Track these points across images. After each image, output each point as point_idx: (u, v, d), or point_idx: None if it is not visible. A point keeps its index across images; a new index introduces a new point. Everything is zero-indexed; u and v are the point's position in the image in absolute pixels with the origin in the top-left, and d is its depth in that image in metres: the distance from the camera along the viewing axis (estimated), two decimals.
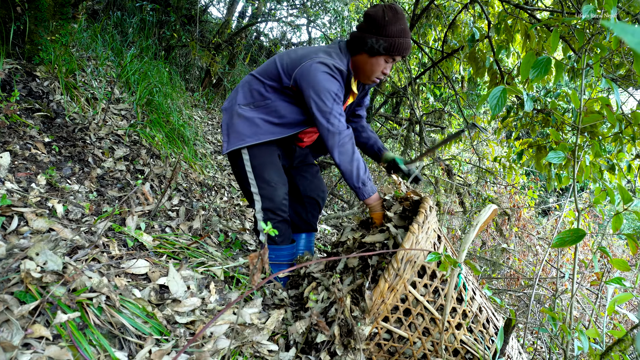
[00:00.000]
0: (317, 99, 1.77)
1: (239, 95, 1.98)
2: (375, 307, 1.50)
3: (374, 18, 1.78)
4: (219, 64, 6.13)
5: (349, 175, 1.81)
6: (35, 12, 2.97)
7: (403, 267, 1.49)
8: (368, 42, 1.79)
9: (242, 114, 1.93)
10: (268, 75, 1.92)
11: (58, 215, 1.81)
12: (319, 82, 1.76)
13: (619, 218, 0.99)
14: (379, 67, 1.86)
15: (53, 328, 1.18)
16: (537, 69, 1.26)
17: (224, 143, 1.97)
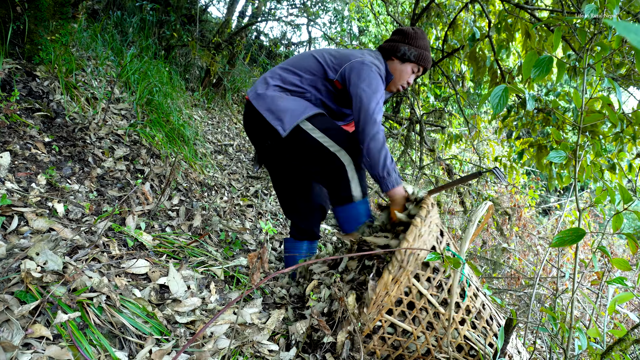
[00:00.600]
0: (368, 90, 1.82)
1: (271, 83, 1.96)
2: (379, 299, 1.50)
3: (407, 32, 2.05)
4: (219, 64, 6.13)
5: (375, 162, 1.78)
6: (35, 12, 2.97)
7: (407, 259, 1.49)
8: (401, 49, 2.01)
9: (283, 96, 1.92)
10: (306, 68, 1.96)
11: (58, 215, 1.81)
12: (372, 78, 1.86)
13: (619, 217, 0.99)
14: (406, 75, 2.06)
15: (53, 328, 1.18)
16: (538, 68, 1.25)
17: (278, 126, 1.88)
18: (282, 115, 1.88)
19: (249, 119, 2.03)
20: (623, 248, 5.59)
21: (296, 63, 2.00)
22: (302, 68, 1.97)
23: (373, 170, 1.82)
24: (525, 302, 2.90)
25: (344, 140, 1.90)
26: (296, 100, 1.92)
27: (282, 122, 1.88)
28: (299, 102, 1.91)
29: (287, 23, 8.62)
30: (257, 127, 2.00)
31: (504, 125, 3.81)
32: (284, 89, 1.95)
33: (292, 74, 1.97)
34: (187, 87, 6.04)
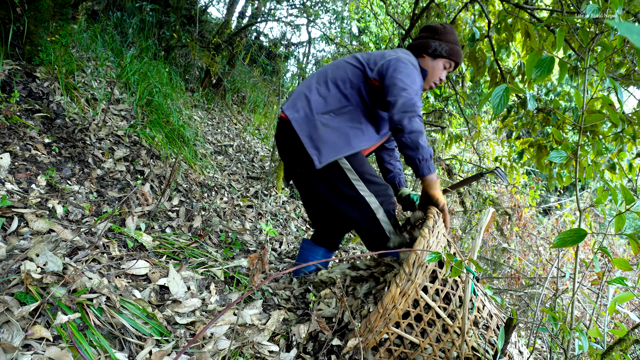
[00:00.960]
0: (405, 79, 1.78)
1: (312, 103, 1.88)
2: (386, 312, 1.49)
3: (436, 28, 2.02)
4: (218, 64, 6.13)
5: (416, 145, 1.72)
6: (35, 13, 2.97)
7: (415, 271, 1.48)
8: (432, 45, 1.99)
9: (327, 123, 1.84)
10: (345, 77, 1.91)
11: (58, 216, 1.81)
12: (409, 71, 1.82)
13: (621, 218, 0.99)
14: (439, 71, 2.02)
15: (53, 329, 1.18)
16: (540, 68, 1.25)
17: (314, 156, 1.81)
18: (322, 145, 1.81)
19: (285, 139, 1.96)
20: (623, 248, 5.59)
21: (333, 73, 1.94)
22: (341, 78, 1.91)
23: (413, 153, 1.74)
24: (526, 302, 2.90)
25: (377, 188, 1.88)
26: (341, 134, 1.84)
27: (320, 153, 1.81)
28: (341, 137, 1.84)
29: (286, 23, 8.62)
30: (292, 150, 1.94)
31: (504, 125, 3.81)
32: (329, 108, 1.87)
33: (333, 86, 1.90)
34: (187, 88, 6.05)
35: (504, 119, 3.75)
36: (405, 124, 1.71)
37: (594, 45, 1.37)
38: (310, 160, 1.85)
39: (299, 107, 1.89)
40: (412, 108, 1.73)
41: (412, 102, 1.73)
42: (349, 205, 1.90)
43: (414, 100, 1.74)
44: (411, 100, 1.73)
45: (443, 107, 4.83)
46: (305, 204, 2.25)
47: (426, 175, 1.77)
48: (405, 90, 1.75)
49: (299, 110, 1.88)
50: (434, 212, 1.68)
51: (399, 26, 4.62)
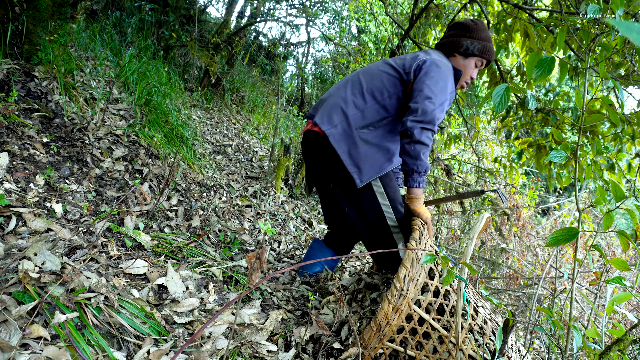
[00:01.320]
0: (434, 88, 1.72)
1: (350, 117, 1.80)
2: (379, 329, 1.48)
3: (467, 25, 1.93)
4: (217, 64, 6.13)
5: (417, 155, 1.69)
6: (34, 12, 2.97)
7: (406, 286, 1.46)
8: (463, 44, 1.91)
9: (367, 138, 1.78)
10: (382, 88, 1.84)
11: (56, 215, 1.81)
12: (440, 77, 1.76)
13: (610, 216, 0.99)
14: (470, 70, 1.95)
15: (51, 328, 1.17)
16: (540, 68, 1.25)
17: (355, 174, 1.76)
18: (363, 164, 1.77)
19: (319, 154, 1.89)
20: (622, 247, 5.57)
21: (369, 85, 1.86)
22: (378, 89, 1.84)
23: (411, 161, 1.72)
24: (524, 302, 2.90)
25: (404, 219, 1.84)
26: (380, 149, 1.80)
27: (361, 172, 1.77)
28: (381, 148, 1.80)
29: (286, 23, 8.62)
30: (325, 166, 1.89)
31: (502, 125, 3.81)
32: (368, 122, 1.80)
33: (370, 97, 1.83)
34: (186, 88, 6.04)
35: (503, 119, 3.75)
36: (415, 133, 1.68)
37: (594, 45, 1.38)
38: (347, 179, 1.80)
39: (336, 121, 1.81)
40: (430, 121, 1.68)
41: (432, 115, 1.69)
42: (371, 230, 1.87)
43: (434, 113, 1.69)
44: (432, 112, 1.69)
45: None
46: (324, 209, 2.22)
47: (413, 188, 1.76)
48: (430, 99, 1.70)
49: (336, 125, 1.80)
50: (418, 224, 1.68)
51: (398, 26, 4.62)
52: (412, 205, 1.79)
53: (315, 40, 9.91)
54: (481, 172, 4.60)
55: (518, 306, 3.06)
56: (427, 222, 1.76)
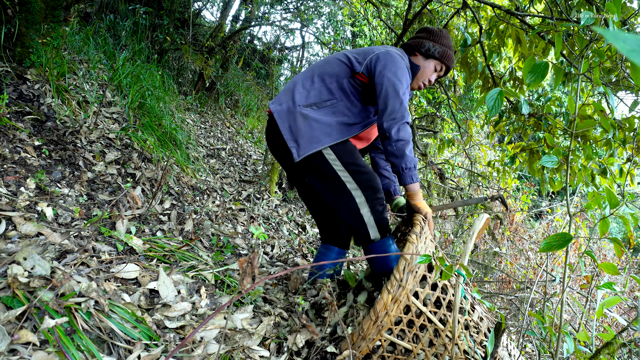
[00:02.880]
0: (393, 78, 1.77)
1: (296, 96, 1.87)
2: (378, 319, 1.50)
3: (431, 30, 2.04)
4: (212, 68, 6.13)
5: (402, 153, 1.74)
6: (27, 15, 2.95)
7: (405, 277, 1.49)
8: (425, 45, 2.00)
9: (308, 114, 1.82)
10: (331, 72, 1.90)
11: (47, 219, 1.80)
12: (398, 67, 1.81)
13: (605, 222, 1.00)
14: (429, 71, 2.02)
15: (40, 333, 1.16)
16: (534, 73, 1.27)
17: (293, 149, 1.81)
18: (300, 138, 1.80)
19: (270, 134, 1.96)
20: (613, 252, 5.63)
21: (321, 68, 1.94)
22: (327, 73, 1.91)
23: (397, 162, 1.77)
24: (516, 305, 2.91)
25: (363, 180, 1.83)
26: (321, 124, 1.82)
27: (298, 146, 1.81)
28: (322, 128, 1.82)
29: (280, 27, 8.64)
30: (276, 145, 1.95)
31: (495, 130, 3.84)
32: (312, 101, 1.86)
33: (319, 80, 1.90)
34: (180, 91, 6.03)
35: (496, 124, 3.77)
36: (392, 133, 1.73)
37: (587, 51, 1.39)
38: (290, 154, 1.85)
39: (282, 100, 1.90)
40: (402, 115, 1.74)
41: (402, 109, 1.74)
42: (334, 197, 1.87)
43: (403, 106, 1.75)
44: (401, 106, 1.74)
45: (435, 112, 4.85)
46: (306, 203, 2.25)
47: (408, 184, 1.80)
48: (395, 92, 1.76)
49: (282, 103, 1.89)
50: (419, 219, 1.70)
51: (392, 31, 4.65)
52: (412, 200, 1.83)
53: (309, 45, 9.94)
54: (474, 176, 4.62)
55: (510, 310, 3.07)
56: (427, 217, 1.78)
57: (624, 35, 0.28)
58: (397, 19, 5.68)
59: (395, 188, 2.24)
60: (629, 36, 0.28)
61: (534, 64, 1.17)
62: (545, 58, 1.44)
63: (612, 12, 1.05)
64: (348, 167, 1.83)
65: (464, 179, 5.44)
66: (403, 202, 2.14)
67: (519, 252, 4.27)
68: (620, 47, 0.27)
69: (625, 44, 0.28)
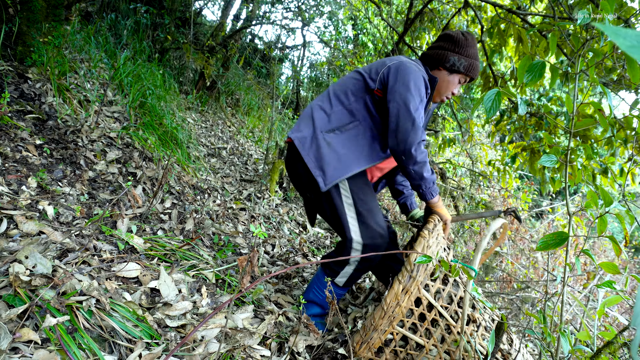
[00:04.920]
0: (405, 93, 1.64)
1: (316, 121, 1.77)
2: (389, 309, 1.51)
3: (456, 39, 1.84)
4: (213, 67, 6.13)
5: (419, 176, 1.68)
6: (28, 14, 2.96)
7: (416, 269, 1.50)
8: (450, 59, 1.82)
9: (331, 141, 1.72)
10: (349, 91, 1.80)
11: (48, 218, 1.80)
12: (410, 76, 1.68)
13: (603, 221, 1.00)
14: (453, 86, 1.88)
15: (42, 332, 1.17)
16: (531, 73, 1.27)
17: (319, 177, 1.70)
18: (326, 166, 1.70)
19: (291, 163, 1.87)
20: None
21: (337, 88, 1.84)
22: (344, 92, 1.81)
23: (417, 182, 1.70)
24: (517, 305, 2.91)
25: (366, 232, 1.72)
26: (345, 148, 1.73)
27: (325, 174, 1.70)
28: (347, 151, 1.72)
29: (281, 26, 8.64)
30: (298, 174, 1.84)
31: (497, 129, 3.83)
32: (334, 125, 1.76)
33: (337, 102, 1.79)
34: (181, 90, 6.04)
35: (498, 123, 3.77)
36: (408, 157, 1.65)
37: (585, 50, 1.39)
38: (315, 182, 1.74)
39: (302, 127, 1.79)
40: (414, 135, 1.63)
41: (415, 128, 1.63)
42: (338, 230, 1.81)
43: (416, 125, 1.63)
44: (413, 126, 1.63)
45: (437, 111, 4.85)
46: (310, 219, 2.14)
47: (429, 200, 1.77)
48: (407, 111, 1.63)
49: (302, 130, 1.78)
50: (434, 218, 1.73)
51: (393, 30, 4.64)
52: (435, 209, 1.80)
53: (310, 44, 9.93)
54: (475, 176, 4.62)
55: (512, 309, 3.07)
56: (447, 223, 1.78)
57: (625, 31, 0.28)
58: (398, 16, 5.67)
59: (412, 202, 2.17)
60: (629, 32, 0.28)
61: (531, 64, 1.17)
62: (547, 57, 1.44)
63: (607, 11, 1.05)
64: (357, 207, 1.74)
65: (466, 178, 5.44)
66: (420, 214, 2.10)
67: (520, 251, 4.27)
68: (620, 43, 0.27)
69: (625, 40, 0.28)
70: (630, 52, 0.27)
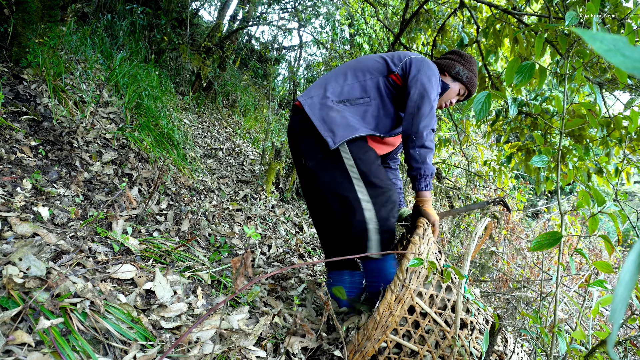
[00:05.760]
0: (427, 83, 1.77)
1: (328, 90, 1.84)
2: (382, 319, 1.50)
3: (463, 55, 2.06)
4: (209, 68, 6.12)
5: (423, 159, 1.73)
6: (23, 15, 2.95)
7: (408, 277, 1.49)
8: (456, 67, 2.01)
9: (340, 109, 1.79)
10: (367, 68, 1.88)
11: (43, 219, 1.79)
12: (432, 71, 1.83)
13: (595, 220, 1.01)
14: (453, 93, 2.05)
15: (36, 334, 1.16)
16: (521, 74, 1.27)
17: (328, 137, 1.73)
18: (335, 127, 1.75)
19: (296, 126, 1.90)
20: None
21: (355, 65, 1.92)
22: (361, 69, 1.89)
23: (417, 165, 1.74)
24: (513, 305, 2.92)
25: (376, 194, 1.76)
26: (353, 116, 1.80)
27: (334, 134, 1.74)
28: (355, 119, 1.80)
29: (278, 27, 8.63)
30: (302, 138, 1.88)
31: (492, 129, 3.85)
32: (345, 97, 1.83)
33: (352, 76, 1.87)
34: (178, 91, 6.03)
35: (493, 123, 3.78)
36: (418, 138, 1.72)
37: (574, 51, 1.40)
38: (322, 144, 1.78)
39: (313, 93, 1.86)
40: (430, 120, 1.74)
41: (432, 114, 1.74)
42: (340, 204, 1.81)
43: (433, 111, 1.75)
44: (431, 111, 1.74)
45: None
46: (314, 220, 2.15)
47: (422, 191, 1.79)
48: (428, 97, 1.75)
49: (313, 96, 1.85)
50: (423, 222, 1.71)
51: (389, 31, 4.65)
52: (422, 206, 1.82)
53: (307, 44, 9.94)
54: (471, 176, 4.63)
55: (507, 309, 3.08)
56: (435, 224, 1.78)
57: (602, 35, 0.28)
58: (394, 17, 5.68)
59: (401, 200, 2.20)
60: (606, 36, 0.28)
61: (520, 65, 1.18)
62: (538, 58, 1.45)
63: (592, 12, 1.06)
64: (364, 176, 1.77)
65: (461, 178, 5.46)
66: (407, 212, 2.10)
67: (516, 251, 4.29)
68: (597, 47, 0.28)
69: (602, 44, 0.28)
70: (606, 56, 0.27)
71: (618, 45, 0.28)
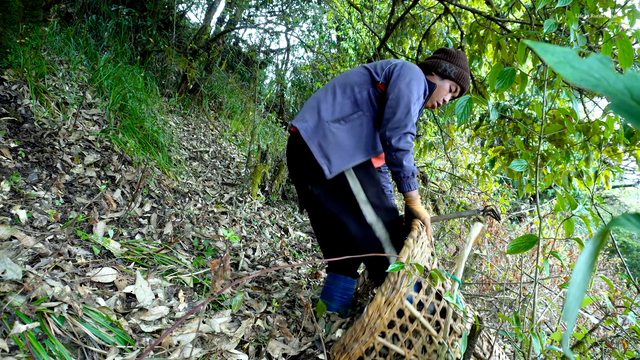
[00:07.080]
0: (405, 89, 1.78)
1: (322, 111, 1.84)
2: (371, 321, 1.50)
3: (449, 51, 2.05)
4: (195, 70, 6.09)
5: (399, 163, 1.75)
6: (4, 14, 2.90)
7: (400, 280, 1.50)
8: (442, 65, 2.01)
9: (336, 132, 1.80)
10: (354, 83, 1.90)
11: (21, 222, 1.77)
12: (413, 75, 1.83)
13: (570, 223, 1.03)
14: (444, 92, 2.03)
15: (10, 339, 1.14)
16: (502, 79, 1.30)
17: (324, 165, 1.76)
18: (332, 154, 1.77)
19: (294, 152, 1.92)
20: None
21: (341, 80, 1.94)
22: (349, 83, 1.91)
23: (396, 169, 1.77)
24: (496, 307, 2.95)
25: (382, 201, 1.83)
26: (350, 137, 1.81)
27: (330, 162, 1.77)
28: (353, 141, 1.81)
29: (265, 30, 8.63)
30: (301, 164, 1.89)
31: (476, 133, 3.89)
32: (338, 116, 1.84)
33: (341, 92, 1.89)
34: (163, 93, 5.98)
35: (477, 128, 3.83)
36: (392, 142, 1.74)
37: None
38: (320, 172, 1.80)
39: (307, 117, 1.86)
40: (405, 124, 1.75)
41: (407, 119, 1.75)
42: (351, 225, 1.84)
43: (409, 117, 1.75)
44: (406, 116, 1.75)
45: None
46: (315, 227, 2.17)
47: (406, 192, 1.82)
48: (404, 103, 1.76)
49: (307, 120, 1.85)
50: (417, 224, 1.73)
51: (375, 35, 4.68)
52: (411, 205, 1.85)
53: (295, 47, 9.95)
54: (455, 179, 4.67)
55: (491, 311, 3.11)
56: (425, 222, 1.81)
57: (553, 47, 0.29)
58: (380, 21, 5.72)
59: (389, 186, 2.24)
60: (556, 49, 0.29)
61: (501, 71, 1.20)
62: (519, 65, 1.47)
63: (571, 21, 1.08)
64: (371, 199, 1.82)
65: (446, 181, 5.51)
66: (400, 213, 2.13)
67: (500, 254, 4.34)
68: (548, 59, 0.29)
69: (553, 56, 0.29)
70: (556, 68, 0.28)
71: (568, 57, 0.29)
